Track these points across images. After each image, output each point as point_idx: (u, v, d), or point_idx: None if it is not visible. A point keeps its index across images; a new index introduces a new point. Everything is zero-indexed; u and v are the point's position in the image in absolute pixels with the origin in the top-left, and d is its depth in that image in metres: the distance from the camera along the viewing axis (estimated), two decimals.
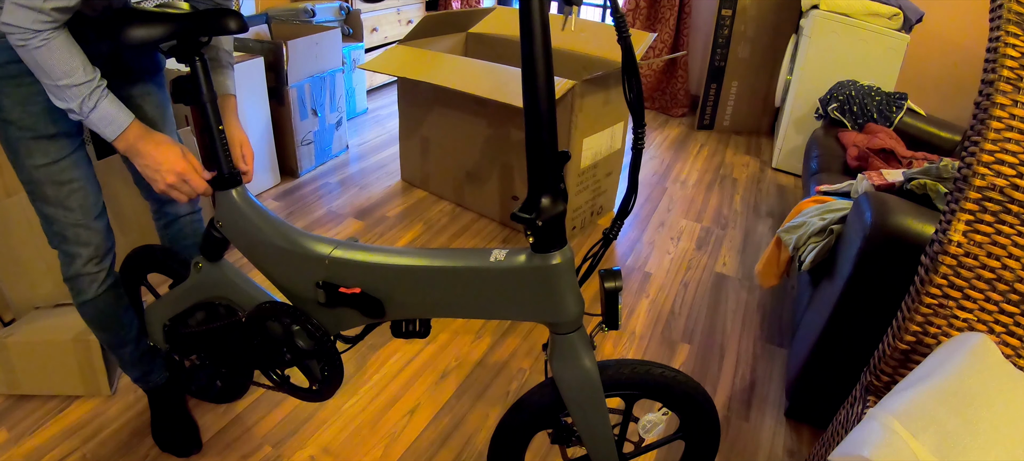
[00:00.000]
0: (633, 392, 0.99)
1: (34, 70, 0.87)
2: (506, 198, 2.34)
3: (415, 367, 1.63)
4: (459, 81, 2.08)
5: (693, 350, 1.76)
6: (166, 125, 1.22)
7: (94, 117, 0.91)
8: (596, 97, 2.10)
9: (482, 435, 1.44)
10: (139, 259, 1.31)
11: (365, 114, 3.51)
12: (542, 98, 0.75)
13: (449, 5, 4.10)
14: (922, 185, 1.48)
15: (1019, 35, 0.86)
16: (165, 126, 1.22)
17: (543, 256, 0.83)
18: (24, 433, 1.37)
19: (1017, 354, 0.93)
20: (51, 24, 0.83)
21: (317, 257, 0.98)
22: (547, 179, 0.79)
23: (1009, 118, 0.86)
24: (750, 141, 3.50)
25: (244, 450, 1.36)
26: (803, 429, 1.51)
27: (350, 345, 1.12)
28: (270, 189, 2.55)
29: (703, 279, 2.11)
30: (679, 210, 2.60)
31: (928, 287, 0.93)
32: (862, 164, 2.06)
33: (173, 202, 1.30)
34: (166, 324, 1.24)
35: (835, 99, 2.52)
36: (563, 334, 0.90)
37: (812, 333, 1.40)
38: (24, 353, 1.42)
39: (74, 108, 0.89)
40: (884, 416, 0.77)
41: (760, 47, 3.38)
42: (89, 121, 0.91)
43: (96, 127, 0.92)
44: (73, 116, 0.91)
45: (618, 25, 0.80)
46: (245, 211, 1.06)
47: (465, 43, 2.81)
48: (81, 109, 0.89)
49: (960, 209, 0.89)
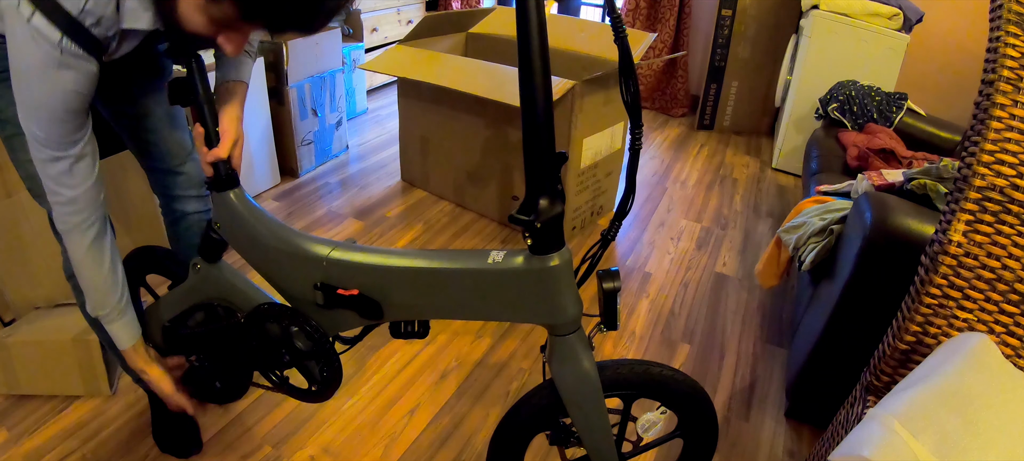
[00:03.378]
0: (631, 392, 0.99)
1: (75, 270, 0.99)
2: (506, 198, 2.34)
3: (415, 367, 1.63)
4: (459, 81, 2.08)
5: (693, 350, 1.76)
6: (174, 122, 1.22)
7: (110, 328, 1.05)
8: (596, 97, 2.10)
9: (482, 435, 1.44)
10: (139, 260, 1.31)
11: (365, 114, 3.51)
12: (539, 99, 0.75)
13: (449, 5, 4.09)
14: (922, 185, 1.47)
15: (1019, 35, 0.86)
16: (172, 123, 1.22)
17: (541, 258, 0.83)
18: (24, 433, 1.37)
19: (1017, 354, 0.93)
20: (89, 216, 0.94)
21: (315, 258, 0.98)
22: (545, 180, 0.79)
23: (1009, 118, 0.85)
24: (750, 141, 3.49)
25: (244, 450, 1.36)
26: (803, 429, 1.50)
27: (349, 346, 1.12)
28: (270, 189, 2.55)
29: (703, 279, 2.11)
30: (679, 210, 2.60)
31: (928, 287, 0.92)
32: (862, 164, 2.06)
33: (182, 199, 1.30)
34: (165, 325, 1.24)
35: (835, 99, 2.51)
36: (562, 336, 0.89)
37: (812, 333, 1.40)
38: (24, 353, 1.42)
39: (95, 316, 1.03)
40: (884, 416, 0.77)
41: (760, 47, 3.37)
42: (107, 327, 1.05)
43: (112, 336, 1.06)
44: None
45: (614, 26, 0.80)
46: (243, 213, 1.06)
47: (465, 43, 2.81)
48: (100, 318, 1.03)
49: (960, 209, 0.89)
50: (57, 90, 0.82)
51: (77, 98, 0.85)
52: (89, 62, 0.83)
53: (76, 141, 0.88)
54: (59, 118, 0.84)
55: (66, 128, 0.86)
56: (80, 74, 0.83)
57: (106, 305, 1.01)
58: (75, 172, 0.90)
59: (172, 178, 1.26)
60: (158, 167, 1.25)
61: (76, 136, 0.88)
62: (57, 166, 0.88)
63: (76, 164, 0.89)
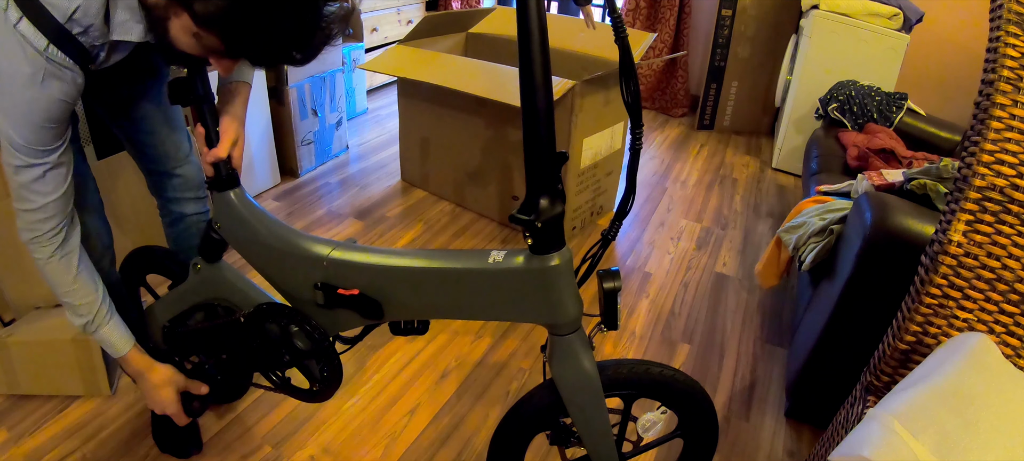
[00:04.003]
0: (632, 392, 0.99)
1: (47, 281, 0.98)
2: (506, 198, 2.34)
3: (415, 367, 1.63)
4: (459, 81, 2.08)
5: (693, 350, 1.76)
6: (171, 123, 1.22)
7: (98, 336, 1.04)
8: (596, 97, 2.10)
9: (482, 435, 1.44)
10: (139, 260, 1.31)
11: (365, 114, 3.51)
12: (540, 98, 0.75)
13: (449, 5, 4.09)
14: (922, 185, 1.48)
15: (1019, 35, 0.86)
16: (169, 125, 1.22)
17: (541, 258, 0.83)
18: (24, 433, 1.37)
19: (1017, 354, 0.93)
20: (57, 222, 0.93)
21: (315, 258, 0.98)
22: (545, 180, 0.79)
23: (1009, 118, 0.85)
24: (750, 141, 3.49)
25: (244, 450, 1.36)
26: (803, 429, 1.51)
27: (349, 346, 1.12)
28: (270, 189, 2.55)
29: (703, 279, 2.11)
30: (679, 210, 2.60)
31: (928, 287, 0.92)
32: (862, 164, 2.06)
33: (180, 201, 1.30)
34: (165, 325, 1.24)
35: (835, 99, 2.52)
36: (562, 335, 0.89)
37: (812, 333, 1.40)
38: (24, 353, 1.42)
39: (80, 326, 1.02)
40: (884, 416, 0.77)
41: (760, 47, 3.37)
42: (96, 337, 1.05)
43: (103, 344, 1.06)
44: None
45: (615, 26, 0.80)
46: (243, 213, 1.06)
47: (465, 43, 2.81)
48: (86, 329, 1.02)
49: (960, 209, 0.89)
50: (41, 97, 0.81)
51: (60, 107, 0.84)
52: (75, 71, 0.83)
53: (53, 150, 0.87)
54: (39, 125, 0.83)
55: (45, 136, 0.84)
56: (65, 82, 0.82)
57: (85, 311, 1.00)
58: (48, 180, 0.88)
59: (170, 180, 1.26)
60: (156, 169, 1.25)
61: (54, 145, 0.87)
62: (30, 173, 0.86)
63: (50, 172, 0.88)
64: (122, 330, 1.05)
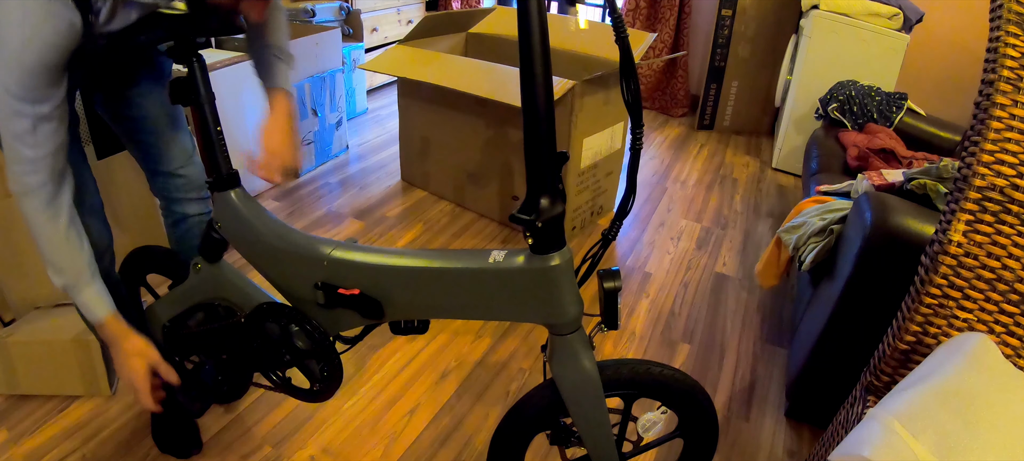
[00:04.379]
0: (632, 391, 0.99)
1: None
2: (506, 198, 2.34)
3: (415, 367, 1.63)
4: (459, 81, 2.08)
5: (693, 350, 1.76)
6: (174, 124, 1.22)
7: (79, 300, 0.99)
8: (596, 97, 2.10)
9: (482, 435, 1.44)
10: (139, 260, 1.31)
11: (365, 114, 3.51)
12: (540, 98, 0.75)
13: (449, 5, 4.09)
14: (922, 185, 1.48)
15: (1019, 35, 0.86)
16: (172, 125, 1.21)
17: (542, 257, 0.83)
18: (24, 433, 1.37)
19: (1017, 354, 0.93)
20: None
21: (316, 258, 0.98)
22: (546, 180, 0.79)
23: (1009, 118, 0.85)
24: (750, 141, 3.49)
25: (244, 450, 1.36)
26: (803, 429, 1.51)
27: (349, 346, 1.12)
28: (270, 189, 2.55)
29: (703, 279, 2.11)
30: (679, 210, 2.60)
31: (928, 287, 0.92)
32: (862, 164, 2.06)
33: (182, 201, 1.30)
34: (166, 325, 1.24)
35: (835, 99, 2.52)
36: (562, 335, 0.89)
37: (812, 333, 1.40)
38: (24, 353, 1.42)
39: (61, 286, 0.97)
40: (884, 416, 0.77)
41: (760, 47, 3.37)
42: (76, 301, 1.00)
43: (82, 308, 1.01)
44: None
45: (615, 25, 0.80)
46: (243, 212, 1.06)
47: (465, 43, 2.81)
48: (66, 289, 0.97)
49: (960, 209, 0.89)
50: (35, 37, 0.78)
51: (54, 52, 0.81)
52: (73, 14, 0.80)
53: (45, 99, 0.83)
54: (30, 69, 0.80)
55: (37, 81, 0.81)
56: (62, 23, 0.79)
57: (69, 271, 0.96)
58: (38, 132, 0.85)
59: (172, 181, 1.26)
60: (158, 170, 1.25)
61: (46, 93, 0.83)
62: (21, 123, 0.83)
63: (40, 124, 0.84)
64: (103, 296, 1.01)
